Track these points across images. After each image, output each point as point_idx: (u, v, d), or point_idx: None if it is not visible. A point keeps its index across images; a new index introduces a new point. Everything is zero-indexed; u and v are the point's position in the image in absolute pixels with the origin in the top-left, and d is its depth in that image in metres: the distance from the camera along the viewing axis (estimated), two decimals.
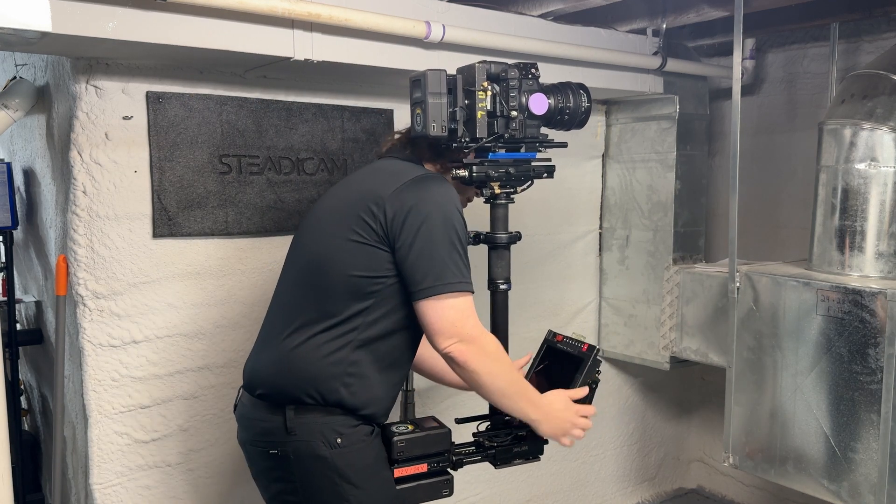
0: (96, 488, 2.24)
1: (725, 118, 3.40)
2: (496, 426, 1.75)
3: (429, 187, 1.62)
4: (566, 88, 1.72)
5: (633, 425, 3.72)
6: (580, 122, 1.74)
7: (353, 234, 1.64)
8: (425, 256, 1.56)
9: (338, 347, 1.65)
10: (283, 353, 1.69)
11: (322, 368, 1.65)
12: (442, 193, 1.61)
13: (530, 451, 1.76)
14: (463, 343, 1.57)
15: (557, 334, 1.87)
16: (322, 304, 1.67)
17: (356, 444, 1.64)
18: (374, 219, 1.61)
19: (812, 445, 2.43)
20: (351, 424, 1.65)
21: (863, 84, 2.49)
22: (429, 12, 2.29)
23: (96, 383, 2.21)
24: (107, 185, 2.17)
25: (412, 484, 1.62)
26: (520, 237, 1.74)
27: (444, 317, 1.57)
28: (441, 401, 3.01)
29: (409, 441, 1.61)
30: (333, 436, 1.63)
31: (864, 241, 2.42)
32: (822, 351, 2.39)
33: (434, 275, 1.55)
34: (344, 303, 1.65)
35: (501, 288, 1.73)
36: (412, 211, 1.58)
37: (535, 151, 1.72)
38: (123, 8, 1.77)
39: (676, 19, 2.77)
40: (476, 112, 1.60)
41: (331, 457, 1.62)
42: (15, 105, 2.37)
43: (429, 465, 1.63)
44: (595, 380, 1.74)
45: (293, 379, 1.66)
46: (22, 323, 3.09)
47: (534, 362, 1.89)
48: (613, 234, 3.43)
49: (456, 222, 1.59)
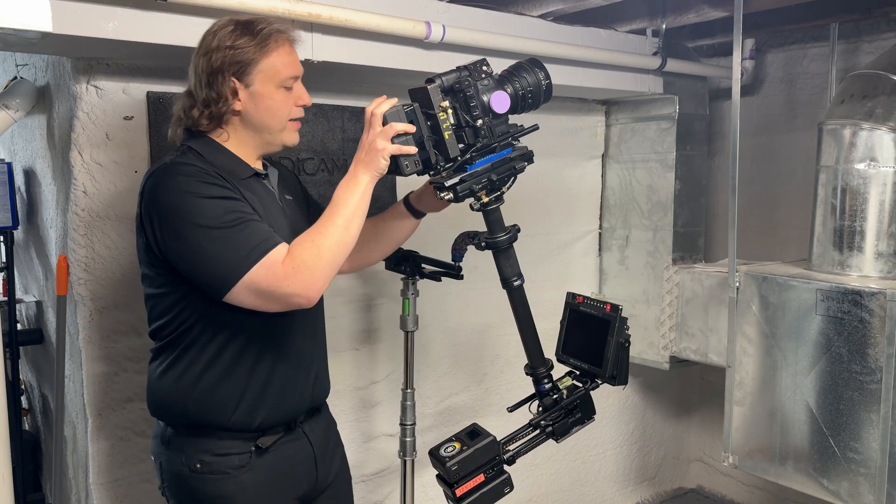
0: (96, 488, 2.24)
1: (725, 118, 3.40)
2: (547, 406, 1.78)
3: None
4: (520, 71, 1.66)
5: (633, 425, 3.72)
6: (545, 97, 1.70)
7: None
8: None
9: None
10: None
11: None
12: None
13: (584, 415, 1.79)
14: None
15: (577, 296, 1.87)
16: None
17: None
18: None
19: (812, 445, 2.43)
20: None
21: (862, 84, 2.49)
22: (429, 12, 2.29)
23: (96, 383, 2.21)
24: (107, 186, 2.17)
25: (476, 495, 1.64)
26: (518, 230, 1.73)
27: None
28: (441, 400, 3.01)
29: (462, 461, 1.62)
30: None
31: (864, 241, 2.42)
32: (821, 351, 2.39)
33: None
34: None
35: (516, 284, 1.74)
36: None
37: (510, 147, 1.69)
38: (123, 8, 1.77)
39: (676, 19, 2.77)
40: (443, 133, 1.55)
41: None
42: (15, 105, 2.37)
43: (485, 473, 1.65)
44: (626, 337, 1.75)
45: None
46: (22, 323, 3.09)
47: (562, 326, 1.89)
48: (613, 233, 3.43)
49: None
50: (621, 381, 1.75)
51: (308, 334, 1.73)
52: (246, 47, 1.55)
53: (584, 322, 1.83)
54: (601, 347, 1.74)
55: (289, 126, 1.65)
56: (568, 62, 2.65)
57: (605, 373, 1.73)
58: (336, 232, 1.47)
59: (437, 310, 2.91)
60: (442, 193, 1.63)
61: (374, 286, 2.74)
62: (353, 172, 1.53)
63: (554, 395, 1.77)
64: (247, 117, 1.60)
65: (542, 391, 1.78)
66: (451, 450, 1.62)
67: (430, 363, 2.94)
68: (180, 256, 1.48)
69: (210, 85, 1.56)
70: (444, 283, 2.14)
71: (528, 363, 1.78)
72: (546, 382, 1.77)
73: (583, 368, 1.79)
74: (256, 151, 1.67)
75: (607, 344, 1.73)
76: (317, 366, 1.77)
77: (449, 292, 2.91)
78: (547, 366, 1.78)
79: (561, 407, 1.76)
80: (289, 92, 1.62)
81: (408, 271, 2.20)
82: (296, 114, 1.66)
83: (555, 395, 1.77)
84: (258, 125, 1.62)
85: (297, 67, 1.63)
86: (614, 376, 1.74)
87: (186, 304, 1.56)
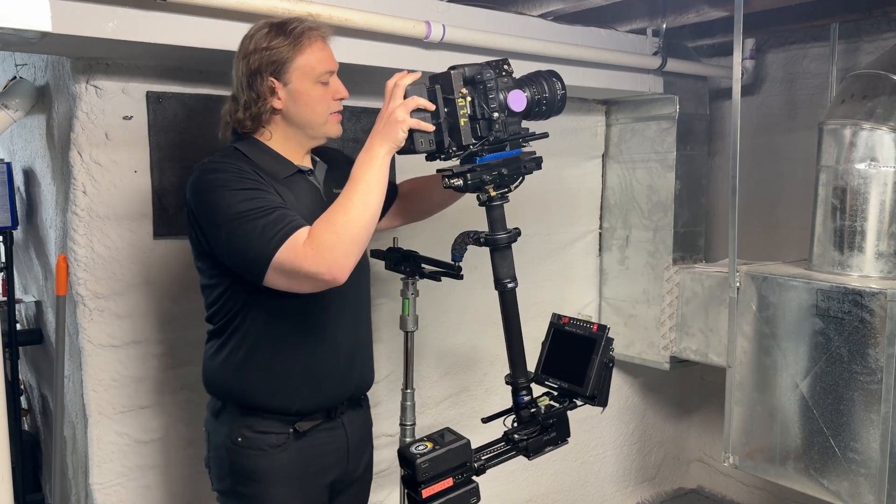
0: (96, 488, 2.24)
1: (725, 118, 3.40)
2: (522, 420, 1.76)
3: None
4: (539, 78, 1.69)
5: (633, 425, 3.72)
6: (558, 108, 1.73)
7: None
8: None
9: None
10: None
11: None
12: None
13: (559, 436, 1.76)
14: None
15: (563, 316, 1.85)
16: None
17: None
18: None
19: (812, 445, 2.43)
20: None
21: (863, 84, 2.49)
22: (429, 12, 2.29)
23: (96, 383, 2.21)
24: (107, 185, 2.17)
25: (441, 500, 1.61)
26: (519, 233, 1.74)
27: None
28: (441, 400, 3.01)
29: (433, 460, 1.60)
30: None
31: (864, 241, 2.42)
32: (821, 351, 2.39)
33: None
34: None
35: (509, 287, 1.73)
36: None
37: (520, 147, 1.71)
38: (123, 8, 1.77)
39: (676, 19, 2.77)
40: (459, 120, 1.58)
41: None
42: (15, 105, 2.37)
43: (454, 478, 1.64)
44: (610, 358, 1.73)
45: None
46: (22, 323, 3.09)
47: (543, 347, 1.88)
48: (613, 234, 3.43)
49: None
50: (601, 402, 1.71)
51: (349, 326, 1.80)
52: (281, 47, 1.62)
53: (568, 342, 1.80)
54: (584, 366, 1.70)
55: (330, 119, 1.72)
56: (568, 62, 2.65)
57: (586, 391, 1.69)
58: (354, 208, 1.49)
59: (437, 310, 2.91)
60: (452, 180, 1.64)
61: (374, 286, 2.72)
62: (370, 145, 1.54)
63: (532, 409, 1.74)
64: (288, 115, 1.67)
65: (521, 403, 1.74)
66: (423, 448, 1.60)
67: (430, 363, 2.94)
68: (220, 248, 1.57)
69: (250, 86, 1.63)
70: (444, 283, 2.13)
71: (510, 372, 1.76)
72: (525, 394, 1.74)
73: (562, 388, 1.76)
74: (302, 147, 1.74)
75: (591, 362, 1.70)
76: (360, 357, 1.83)
77: (449, 292, 2.91)
78: (528, 377, 1.75)
79: (538, 422, 1.73)
80: (325, 87, 1.68)
81: (408, 271, 2.20)
82: (335, 107, 1.72)
83: (532, 409, 1.74)
84: (299, 121, 1.68)
85: (331, 63, 1.69)
86: (595, 396, 1.70)
87: (232, 294, 1.66)
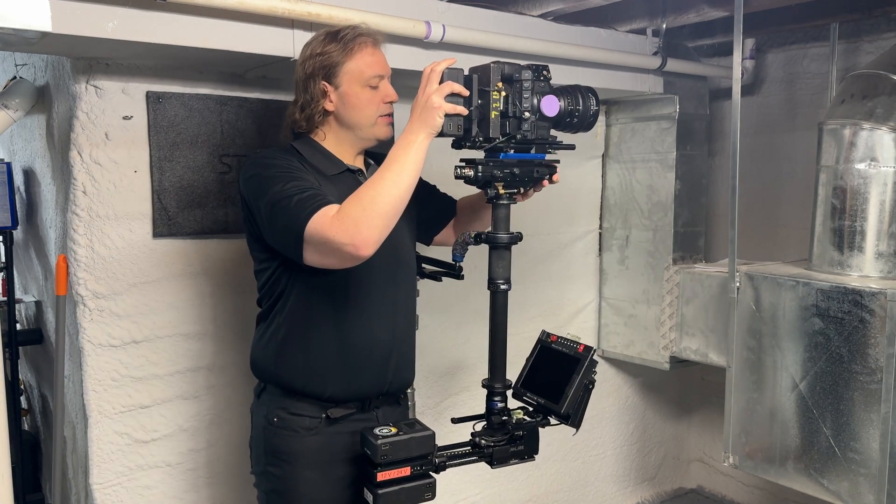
0: (96, 488, 2.24)
1: (725, 118, 3.40)
2: (492, 426, 1.75)
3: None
4: (575, 91, 1.72)
5: (633, 425, 3.72)
6: (588, 125, 1.75)
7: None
8: None
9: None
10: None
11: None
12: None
13: (526, 451, 1.75)
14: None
15: (551, 335, 1.86)
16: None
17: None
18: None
19: (812, 445, 2.43)
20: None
21: (863, 84, 2.49)
22: (429, 12, 2.29)
23: (96, 383, 2.21)
24: (107, 185, 2.17)
25: (395, 488, 1.61)
26: (521, 237, 1.74)
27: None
28: (441, 401, 3.01)
29: (394, 444, 1.60)
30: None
31: (864, 241, 2.42)
32: (821, 351, 2.39)
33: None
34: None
35: (502, 288, 1.73)
36: None
37: (545, 153, 1.73)
38: (123, 8, 1.77)
39: (676, 19, 2.77)
40: (490, 112, 1.60)
41: None
42: (15, 105, 2.37)
43: (412, 468, 1.63)
44: (591, 380, 1.73)
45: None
46: (22, 323, 3.09)
47: (527, 362, 1.88)
48: (613, 234, 3.43)
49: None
50: (575, 423, 1.70)
51: (387, 322, 1.83)
52: (332, 52, 1.73)
53: (553, 359, 1.80)
54: (563, 384, 1.70)
55: (379, 121, 1.79)
56: (568, 62, 2.65)
57: (561, 409, 1.68)
58: (384, 186, 1.52)
59: (438, 310, 2.91)
60: (463, 170, 1.66)
61: None
62: (409, 130, 1.58)
63: (503, 416, 1.73)
64: (339, 116, 1.77)
65: (493, 408, 1.74)
66: (387, 432, 1.61)
67: (430, 363, 2.94)
68: (264, 228, 1.65)
69: (305, 89, 1.75)
70: (445, 283, 2.13)
71: (488, 376, 1.75)
72: (499, 400, 1.74)
73: (539, 404, 1.75)
74: (353, 148, 1.82)
75: (570, 381, 1.69)
76: (398, 354, 1.85)
77: (449, 292, 2.90)
78: (505, 384, 1.75)
79: (507, 431, 1.73)
80: (375, 90, 1.76)
81: None
82: (384, 110, 1.79)
83: (504, 417, 1.73)
84: (349, 123, 1.77)
85: (381, 67, 1.77)
86: (569, 415, 1.69)
87: (277, 276, 1.74)
